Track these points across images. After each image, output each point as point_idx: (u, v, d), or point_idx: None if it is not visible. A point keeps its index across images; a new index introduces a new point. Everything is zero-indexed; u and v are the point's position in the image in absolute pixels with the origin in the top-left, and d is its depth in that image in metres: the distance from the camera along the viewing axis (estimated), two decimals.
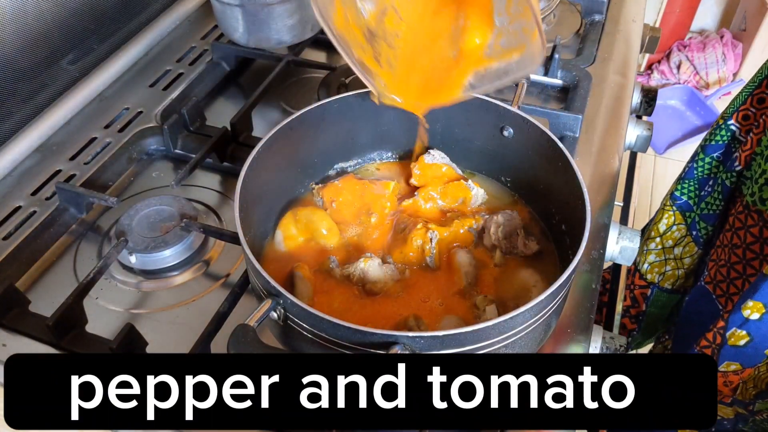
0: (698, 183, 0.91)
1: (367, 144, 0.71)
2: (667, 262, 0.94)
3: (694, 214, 0.90)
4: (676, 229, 0.93)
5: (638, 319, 1.00)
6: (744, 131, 0.85)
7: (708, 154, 0.90)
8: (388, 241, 0.64)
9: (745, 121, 0.85)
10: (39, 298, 0.64)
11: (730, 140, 0.87)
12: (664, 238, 0.94)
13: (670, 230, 0.94)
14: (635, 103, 0.92)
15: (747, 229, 0.77)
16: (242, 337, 0.45)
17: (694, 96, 2.23)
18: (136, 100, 0.87)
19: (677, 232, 0.93)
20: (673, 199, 0.94)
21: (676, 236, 0.93)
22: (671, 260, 0.94)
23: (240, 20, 0.88)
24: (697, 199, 0.91)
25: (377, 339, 0.45)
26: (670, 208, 0.94)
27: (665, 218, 0.94)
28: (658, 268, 0.96)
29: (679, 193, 0.93)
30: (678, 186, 0.94)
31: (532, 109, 0.81)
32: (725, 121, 0.88)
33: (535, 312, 0.48)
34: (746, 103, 0.85)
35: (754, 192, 0.77)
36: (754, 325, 0.72)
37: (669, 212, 0.94)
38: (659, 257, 0.95)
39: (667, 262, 0.94)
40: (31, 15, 0.79)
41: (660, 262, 0.95)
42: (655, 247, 0.95)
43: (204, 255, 0.70)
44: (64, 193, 0.72)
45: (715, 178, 0.89)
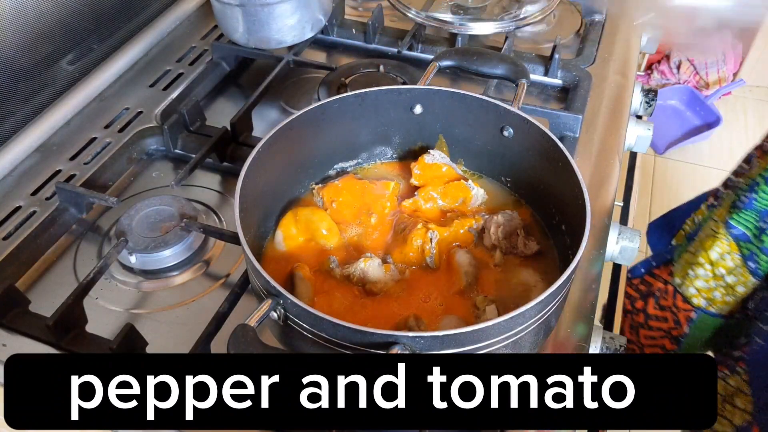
0: (758, 214, 0.86)
1: (367, 144, 0.71)
2: (717, 289, 0.90)
3: (753, 247, 0.86)
4: (730, 258, 0.88)
5: (678, 341, 0.98)
6: None
7: None
8: (388, 241, 0.64)
9: None
10: (39, 298, 0.64)
11: None
12: (715, 265, 0.90)
13: (723, 258, 0.89)
14: (635, 103, 0.92)
15: None
16: (242, 337, 0.45)
17: (694, 96, 2.22)
18: (136, 100, 0.87)
19: (731, 262, 0.88)
20: (728, 227, 0.89)
21: (729, 265, 0.89)
22: (722, 287, 0.89)
23: (240, 20, 0.88)
24: (758, 231, 0.86)
25: (377, 339, 0.45)
26: (724, 236, 0.89)
27: (717, 246, 0.89)
28: (706, 294, 0.92)
29: (735, 222, 0.88)
30: (734, 215, 0.88)
31: (532, 109, 0.81)
32: None
33: (535, 312, 0.48)
34: None
35: None
36: None
37: (723, 240, 0.89)
38: (708, 283, 0.91)
39: (717, 289, 0.90)
40: (31, 15, 0.79)
41: (709, 289, 0.91)
42: (704, 273, 0.91)
43: (204, 255, 0.70)
44: (64, 193, 0.72)
45: None
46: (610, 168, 0.77)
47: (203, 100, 0.90)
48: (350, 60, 0.93)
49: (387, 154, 0.72)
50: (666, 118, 2.21)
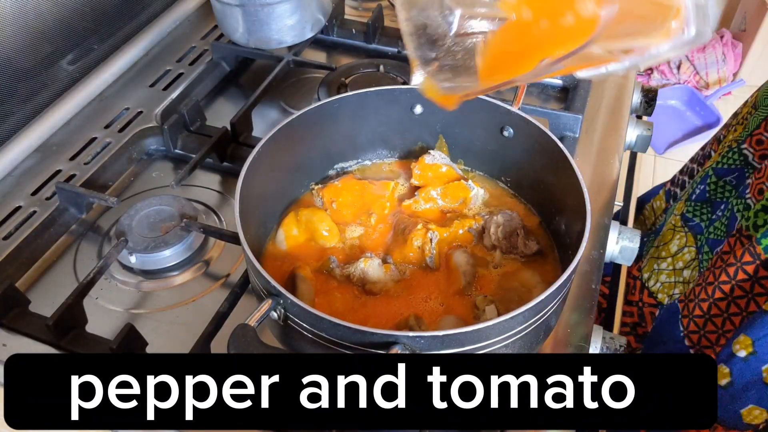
0: (712, 205, 0.87)
1: (367, 144, 0.71)
2: (677, 285, 0.90)
3: (703, 238, 0.87)
4: (687, 251, 0.89)
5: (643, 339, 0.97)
6: (758, 156, 0.82)
7: (720, 176, 0.86)
8: (388, 241, 0.64)
9: (759, 146, 0.82)
10: (39, 298, 0.64)
11: (743, 165, 0.84)
12: (675, 259, 0.91)
13: (681, 251, 0.90)
14: (635, 103, 0.92)
15: (741, 266, 0.73)
16: (242, 337, 0.45)
17: (694, 96, 2.22)
18: (136, 100, 0.87)
19: (687, 255, 0.89)
20: (685, 220, 0.90)
21: (686, 258, 0.89)
22: (680, 283, 0.90)
23: (240, 20, 0.88)
24: (708, 222, 0.87)
25: (377, 339, 0.45)
26: (681, 229, 0.90)
27: (677, 239, 0.91)
28: (667, 290, 0.92)
29: (690, 215, 0.89)
30: (689, 207, 0.90)
31: (532, 109, 0.81)
32: (738, 144, 0.84)
33: (535, 312, 0.48)
34: (760, 128, 0.82)
35: (749, 217, 0.74)
36: (737, 364, 0.69)
37: (681, 233, 0.90)
38: (670, 278, 0.92)
39: (677, 285, 0.90)
40: (31, 15, 0.79)
41: (670, 284, 0.92)
42: (666, 267, 0.92)
43: (204, 255, 0.70)
44: (64, 193, 0.72)
45: (727, 202, 0.84)
46: (610, 168, 0.77)
47: (203, 100, 0.90)
48: (350, 60, 0.93)
49: (387, 154, 0.72)
50: (666, 118, 2.21)
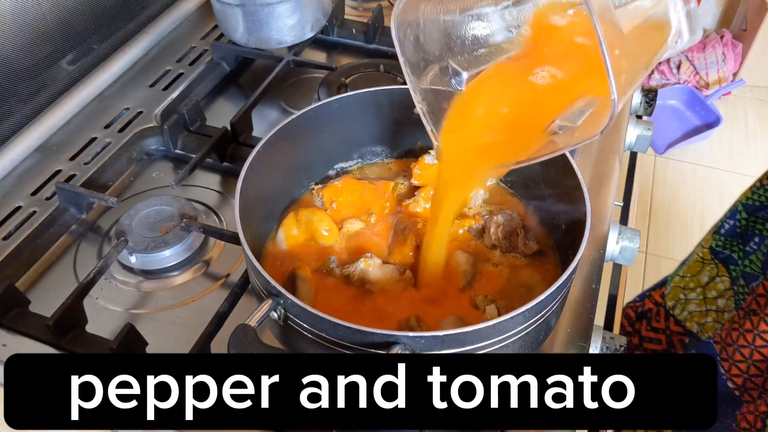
0: (743, 237, 0.84)
1: (367, 144, 0.71)
2: (708, 314, 0.88)
3: (739, 269, 0.84)
4: (719, 280, 0.87)
5: None
6: None
7: (750, 212, 0.84)
8: (388, 241, 0.64)
9: None
10: (39, 298, 0.64)
11: None
12: (706, 289, 0.88)
13: (713, 281, 0.88)
14: (635, 103, 0.91)
15: None
16: (242, 337, 0.45)
17: (694, 96, 2.22)
18: (136, 100, 0.87)
19: (721, 284, 0.87)
20: (714, 253, 0.87)
21: (720, 288, 0.87)
22: (713, 311, 0.87)
23: (240, 20, 0.88)
24: (742, 254, 0.84)
25: (377, 339, 0.45)
26: (711, 261, 0.88)
27: (707, 270, 0.88)
28: (698, 318, 0.90)
29: (720, 248, 0.87)
30: (718, 242, 0.87)
31: None
32: None
33: (535, 312, 0.48)
34: None
35: None
36: None
37: (711, 265, 0.88)
38: (700, 307, 0.89)
39: (708, 314, 0.88)
40: (31, 15, 0.79)
41: (701, 313, 0.89)
42: (695, 297, 0.90)
43: (204, 255, 0.70)
44: (64, 193, 0.72)
45: (762, 236, 0.82)
46: (610, 168, 0.77)
47: (203, 100, 0.90)
48: (350, 60, 0.93)
49: (387, 154, 0.72)
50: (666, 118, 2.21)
